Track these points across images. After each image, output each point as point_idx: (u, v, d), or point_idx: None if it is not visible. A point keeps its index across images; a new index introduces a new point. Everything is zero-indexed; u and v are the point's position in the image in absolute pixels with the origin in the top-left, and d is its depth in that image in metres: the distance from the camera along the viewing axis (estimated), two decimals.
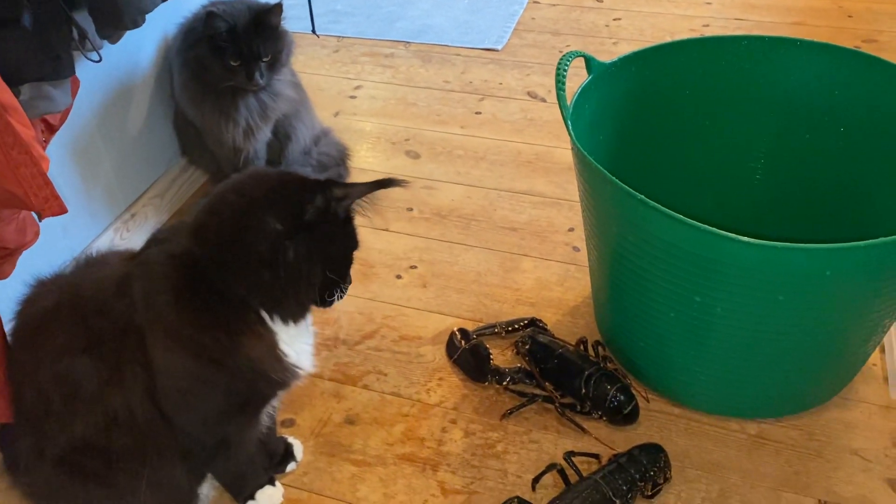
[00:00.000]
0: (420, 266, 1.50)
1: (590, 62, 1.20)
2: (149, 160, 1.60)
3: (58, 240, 1.36)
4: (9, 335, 0.95)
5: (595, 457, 1.14)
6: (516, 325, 1.33)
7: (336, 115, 1.95)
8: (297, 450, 1.17)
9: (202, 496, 1.05)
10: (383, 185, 0.88)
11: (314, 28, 1.81)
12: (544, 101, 1.96)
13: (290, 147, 1.63)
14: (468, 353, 1.28)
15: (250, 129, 1.51)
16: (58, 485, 0.94)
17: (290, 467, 1.16)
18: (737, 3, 2.33)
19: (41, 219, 1.03)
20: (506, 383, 1.24)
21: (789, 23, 2.22)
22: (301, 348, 0.95)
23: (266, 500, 1.10)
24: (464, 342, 1.29)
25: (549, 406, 1.22)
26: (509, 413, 1.22)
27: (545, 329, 1.33)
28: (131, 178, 1.55)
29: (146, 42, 1.54)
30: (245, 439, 1.01)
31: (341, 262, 0.92)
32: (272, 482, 1.11)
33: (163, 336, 0.87)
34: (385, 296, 1.44)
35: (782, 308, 0.99)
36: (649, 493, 1.09)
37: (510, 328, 1.33)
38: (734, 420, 1.20)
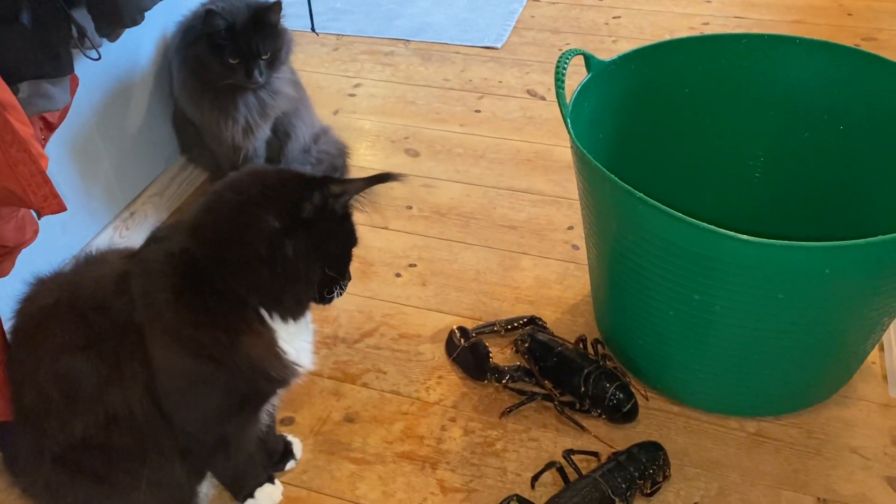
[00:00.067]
0: (419, 264, 1.50)
1: (589, 60, 1.20)
2: (148, 158, 1.60)
3: (57, 238, 1.36)
4: (8, 333, 0.95)
5: (594, 455, 1.14)
6: (515, 324, 1.33)
7: (335, 113, 1.95)
8: (297, 448, 1.17)
9: (202, 494, 1.05)
10: (380, 179, 0.88)
11: (313, 26, 1.81)
12: (544, 99, 1.96)
13: (290, 145, 1.63)
14: (467, 352, 1.28)
15: (249, 128, 1.51)
16: (57, 483, 0.94)
17: (290, 465, 1.16)
18: (736, 2, 2.33)
19: (40, 217, 1.03)
20: (505, 381, 1.24)
21: (789, 21, 2.22)
22: (300, 346, 0.95)
23: (265, 498, 1.10)
24: (463, 340, 1.29)
25: (549, 404, 1.22)
26: (508, 411, 1.22)
27: (544, 327, 1.33)
28: (130, 176, 1.55)
29: (145, 40, 1.53)
30: (244, 437, 1.01)
31: (340, 259, 0.92)
32: (271, 480, 1.12)
33: (162, 334, 0.87)
34: (384, 294, 1.44)
35: (781, 306, 0.99)
36: (648, 492, 1.09)
37: (509, 326, 1.33)
38: (733, 418, 1.20)
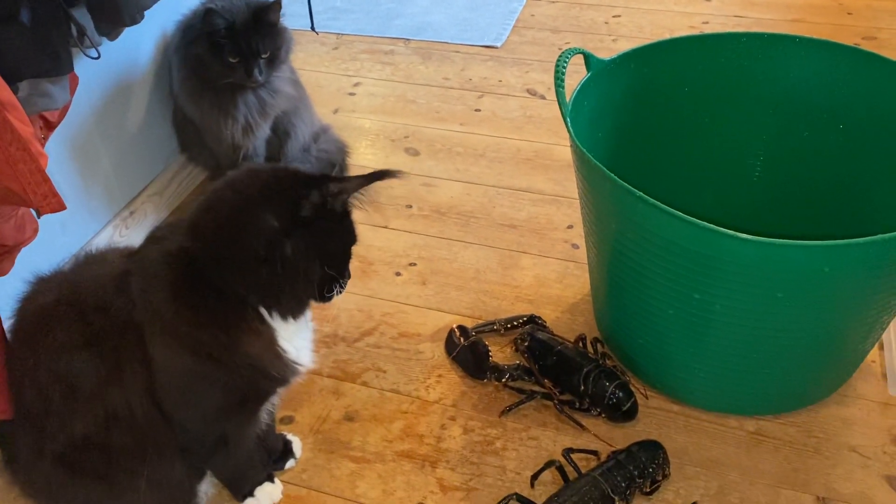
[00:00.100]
0: (419, 263, 1.50)
1: (589, 59, 1.20)
2: (148, 157, 1.60)
3: (56, 237, 1.36)
4: (8, 332, 0.95)
5: (594, 454, 1.14)
6: (515, 322, 1.34)
7: (335, 112, 1.95)
8: (296, 447, 1.17)
9: (201, 493, 1.05)
10: (379, 177, 0.87)
11: (313, 25, 1.81)
12: (543, 98, 1.96)
13: (290, 144, 1.63)
14: (467, 350, 1.28)
15: (249, 126, 1.51)
16: (57, 482, 0.94)
17: (290, 464, 1.16)
18: (736, 1, 2.32)
19: (40, 215, 1.03)
20: (505, 380, 1.24)
21: (789, 20, 2.22)
22: (300, 344, 0.95)
23: (265, 497, 1.10)
24: (463, 339, 1.29)
25: (548, 403, 1.22)
26: (508, 410, 1.22)
27: (544, 326, 1.33)
28: (130, 175, 1.55)
29: (145, 39, 1.53)
30: (244, 436, 1.01)
31: (340, 257, 0.92)
32: (271, 479, 1.12)
33: (161, 333, 0.87)
34: (384, 293, 1.44)
35: (781, 305, 0.99)
36: (648, 490, 1.09)
37: (509, 325, 1.33)
38: (733, 417, 1.20)
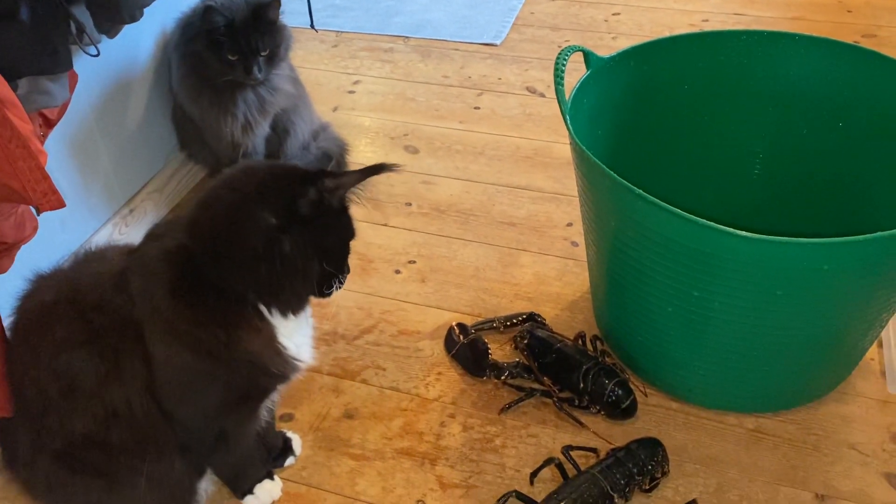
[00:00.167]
0: (419, 261, 1.50)
1: (588, 57, 1.20)
2: (147, 155, 1.60)
3: (56, 235, 1.36)
4: (8, 330, 0.95)
5: (593, 451, 1.14)
6: (515, 320, 1.34)
7: (335, 109, 1.95)
8: (296, 444, 1.17)
9: (201, 491, 1.05)
10: (375, 171, 0.87)
11: (313, 23, 1.81)
12: (543, 96, 1.96)
13: (289, 142, 1.63)
14: (466, 348, 1.28)
15: (249, 124, 1.51)
16: (57, 480, 0.94)
17: (289, 462, 1.16)
18: None
19: (39, 213, 1.03)
20: (504, 378, 1.24)
21: (789, 18, 2.21)
22: (300, 341, 0.95)
23: (265, 494, 1.10)
24: (462, 337, 1.30)
25: (548, 400, 1.22)
26: (507, 407, 1.22)
27: (543, 324, 1.33)
28: (130, 172, 1.55)
29: (144, 36, 1.53)
30: (244, 434, 1.01)
31: (338, 252, 0.91)
32: (271, 476, 1.12)
33: (160, 331, 0.87)
34: (384, 291, 1.44)
35: (780, 303, 0.99)
36: (647, 488, 1.09)
37: (508, 323, 1.33)
38: (732, 414, 1.20)
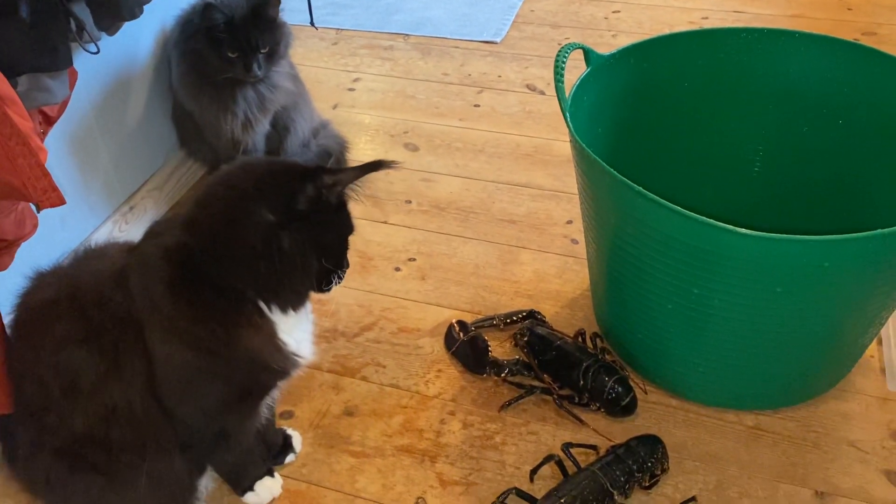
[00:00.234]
0: (419, 258, 1.50)
1: (588, 54, 1.20)
2: (147, 152, 1.60)
3: (56, 232, 1.36)
4: (8, 328, 0.95)
5: (593, 448, 1.14)
6: (514, 318, 1.34)
7: (335, 107, 1.95)
8: (296, 441, 1.17)
9: (201, 488, 1.05)
10: (373, 167, 0.87)
11: (312, 20, 1.81)
12: (543, 93, 1.96)
13: (289, 139, 1.63)
14: (466, 345, 1.28)
15: (249, 122, 1.51)
16: (57, 476, 0.94)
17: (289, 459, 1.16)
18: None
19: (39, 210, 1.03)
20: (504, 375, 1.24)
21: (788, 15, 2.21)
22: (300, 336, 0.95)
23: (265, 491, 1.10)
24: (462, 334, 1.30)
25: (548, 398, 1.22)
26: (507, 405, 1.22)
27: (543, 321, 1.33)
28: (130, 170, 1.55)
29: (144, 34, 1.53)
30: (244, 431, 1.01)
31: (337, 248, 0.91)
32: (271, 474, 1.12)
33: (160, 329, 0.87)
34: (384, 288, 1.44)
35: (780, 300, 0.99)
36: (647, 485, 1.09)
37: (508, 320, 1.33)
38: (732, 411, 1.20)
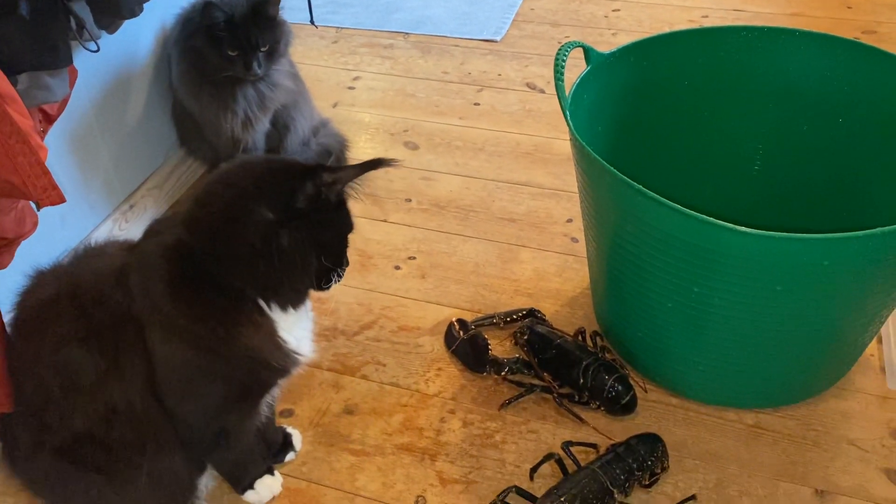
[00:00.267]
0: (418, 257, 1.50)
1: (588, 53, 1.20)
2: (147, 151, 1.60)
3: (56, 230, 1.36)
4: (8, 326, 0.95)
5: (593, 447, 1.14)
6: (514, 316, 1.34)
7: (335, 105, 1.95)
8: (296, 440, 1.17)
9: (201, 486, 1.05)
10: (373, 165, 0.87)
11: (312, 19, 1.80)
12: (543, 92, 1.96)
13: (289, 138, 1.63)
14: (466, 344, 1.28)
15: (249, 120, 1.51)
16: (57, 475, 0.94)
17: (289, 457, 1.16)
18: None
19: (39, 208, 1.03)
20: (504, 373, 1.24)
21: (788, 13, 2.21)
22: (300, 334, 0.95)
23: (265, 489, 1.10)
24: (462, 333, 1.30)
25: (548, 396, 1.22)
26: (507, 403, 1.22)
27: (543, 319, 1.33)
28: (130, 168, 1.55)
29: (144, 32, 1.53)
30: (245, 429, 1.01)
31: (337, 246, 0.91)
32: (271, 472, 1.12)
33: (160, 327, 0.87)
34: (383, 286, 1.45)
35: (780, 299, 0.99)
36: (647, 483, 1.09)
37: (508, 319, 1.33)
38: (732, 410, 1.20)
